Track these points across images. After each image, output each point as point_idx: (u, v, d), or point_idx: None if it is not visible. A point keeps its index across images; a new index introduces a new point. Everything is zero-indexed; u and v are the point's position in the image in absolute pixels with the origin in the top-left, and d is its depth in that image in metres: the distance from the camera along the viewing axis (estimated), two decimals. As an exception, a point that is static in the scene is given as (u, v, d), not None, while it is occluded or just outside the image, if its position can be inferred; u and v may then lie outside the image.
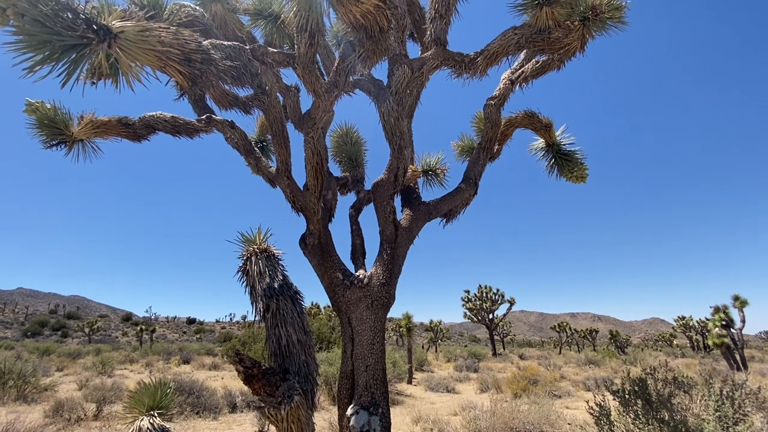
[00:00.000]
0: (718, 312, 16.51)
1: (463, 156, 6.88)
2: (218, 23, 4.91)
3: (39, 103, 4.62)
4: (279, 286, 3.14)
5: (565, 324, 46.12)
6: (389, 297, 4.35)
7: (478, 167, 5.42)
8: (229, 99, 4.72)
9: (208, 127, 4.83)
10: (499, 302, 33.16)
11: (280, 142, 4.59)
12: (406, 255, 4.96)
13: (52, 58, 2.03)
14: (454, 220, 5.57)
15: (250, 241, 3.60)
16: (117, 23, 2.17)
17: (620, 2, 3.91)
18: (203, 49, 2.62)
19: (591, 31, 3.90)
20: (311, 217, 4.74)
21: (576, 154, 5.74)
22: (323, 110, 3.84)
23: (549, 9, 3.72)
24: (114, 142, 5.07)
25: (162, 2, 3.56)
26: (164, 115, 4.73)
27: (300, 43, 3.08)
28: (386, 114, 4.47)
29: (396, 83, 4.33)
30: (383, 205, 4.86)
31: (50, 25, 1.94)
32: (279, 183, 4.89)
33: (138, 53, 2.20)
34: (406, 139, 4.74)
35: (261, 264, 3.23)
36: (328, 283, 4.41)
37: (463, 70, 4.31)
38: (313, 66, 3.30)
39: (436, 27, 4.22)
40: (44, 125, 4.64)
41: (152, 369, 19.90)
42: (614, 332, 44.06)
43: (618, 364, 20.76)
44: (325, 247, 4.67)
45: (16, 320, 60.55)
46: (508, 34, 4.07)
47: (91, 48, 2.06)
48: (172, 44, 2.40)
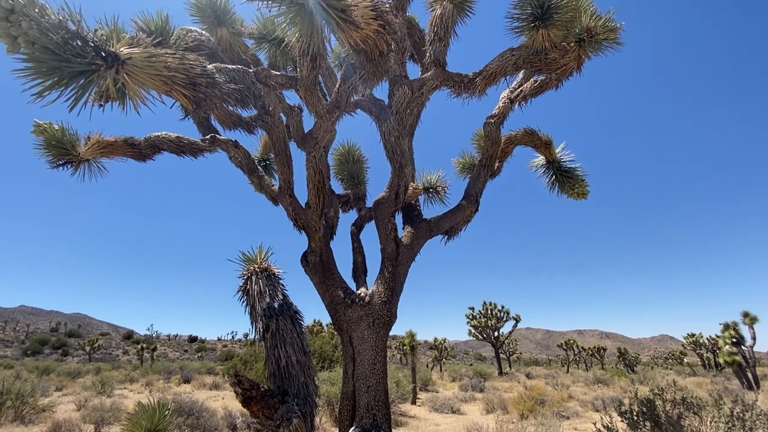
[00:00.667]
0: (728, 329, 16.18)
1: (464, 173, 6.93)
2: (224, 46, 5.05)
3: (47, 124, 4.73)
4: (279, 306, 3.12)
5: (572, 342, 45.26)
6: (391, 315, 4.32)
7: (479, 184, 5.45)
8: (233, 119, 4.81)
9: (212, 146, 4.91)
10: (504, 319, 32.68)
11: (282, 161, 4.65)
12: (408, 272, 4.94)
13: (61, 83, 2.10)
14: (456, 237, 5.57)
15: (251, 260, 3.61)
16: (125, 50, 2.25)
17: (615, 24, 4.01)
18: (208, 73, 2.69)
19: (587, 51, 3.99)
20: (313, 234, 4.76)
21: (576, 170, 5.77)
22: (325, 130, 3.90)
23: (545, 31, 3.82)
24: (119, 161, 5.16)
25: (169, 28, 3.68)
26: (169, 136, 4.82)
27: (302, 66, 3.16)
28: (387, 133, 4.53)
29: (396, 103, 4.41)
30: (384, 223, 4.88)
31: (60, 52, 2.01)
32: (281, 201, 4.93)
33: (144, 78, 2.27)
34: (406, 158, 4.79)
35: (261, 283, 3.23)
36: (329, 302, 4.38)
37: (462, 90, 4.39)
38: (315, 88, 3.37)
39: (435, 49, 4.32)
40: (52, 146, 4.73)
41: (152, 389, 19.61)
42: (623, 350, 43.12)
43: (627, 383, 20.24)
44: (327, 265, 4.67)
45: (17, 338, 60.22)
46: (506, 56, 4.16)
47: (99, 74, 2.13)
48: (177, 69, 2.48)
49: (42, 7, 2.10)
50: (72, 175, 4.88)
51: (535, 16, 3.83)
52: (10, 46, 2.12)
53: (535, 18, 3.83)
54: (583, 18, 3.96)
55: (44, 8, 2.11)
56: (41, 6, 2.09)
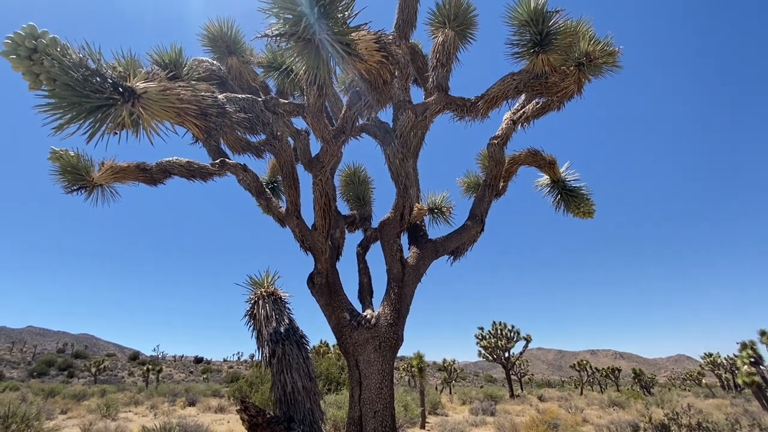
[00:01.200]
0: (745, 348, 15.64)
1: (469, 192, 6.97)
2: (234, 74, 5.24)
3: (63, 151, 4.89)
4: (285, 331, 3.13)
5: (585, 362, 43.97)
6: (397, 338, 4.28)
7: (483, 204, 5.48)
8: (242, 144, 4.95)
9: (222, 170, 5.03)
10: (514, 339, 31.98)
11: (290, 183, 4.74)
12: (414, 293, 4.92)
13: (80, 117, 2.20)
14: (462, 257, 5.56)
15: (258, 283, 3.64)
16: (141, 84, 2.36)
17: (613, 48, 4.10)
18: (219, 104, 2.80)
19: (587, 75, 4.07)
20: (319, 256, 4.79)
21: (581, 189, 5.78)
22: (331, 155, 3.99)
23: (545, 56, 3.92)
24: (131, 185, 5.29)
25: (182, 60, 3.85)
26: (180, 161, 4.95)
27: (309, 94, 3.27)
28: (391, 156, 4.61)
29: (400, 127, 4.50)
30: (390, 244, 4.90)
31: (80, 89, 2.12)
32: (288, 223, 5.00)
33: (158, 111, 2.37)
34: (411, 179, 4.85)
35: (268, 308, 3.25)
36: (335, 324, 4.37)
37: (464, 113, 4.48)
38: (321, 115, 3.48)
39: (438, 74, 4.45)
40: (67, 172, 4.88)
41: (157, 412, 19.35)
42: (638, 371, 41.75)
43: (644, 405, 19.52)
44: (333, 287, 4.67)
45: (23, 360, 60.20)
46: (507, 80, 4.26)
47: (117, 108, 2.23)
48: (190, 101, 2.59)
49: (64, 47, 2.22)
50: (86, 200, 5.02)
51: (535, 42, 3.94)
52: (32, 83, 2.24)
53: (535, 44, 3.94)
54: (581, 43, 4.06)
55: (66, 48, 2.23)
56: (63, 46, 2.22)
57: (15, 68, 2.20)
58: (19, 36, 2.14)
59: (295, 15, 2.27)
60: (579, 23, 4.19)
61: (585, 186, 5.81)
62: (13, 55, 2.17)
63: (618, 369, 45.56)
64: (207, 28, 5.19)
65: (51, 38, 2.21)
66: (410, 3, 4.10)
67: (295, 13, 2.28)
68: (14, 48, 2.15)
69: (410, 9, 4.13)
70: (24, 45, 2.18)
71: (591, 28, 4.31)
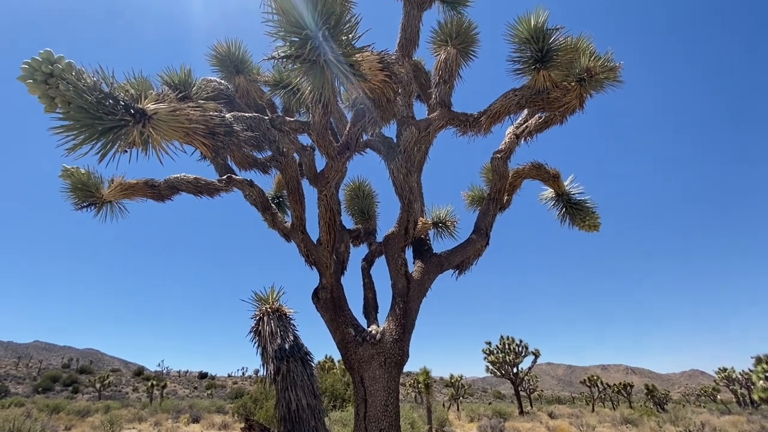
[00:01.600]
0: (760, 363, 15.22)
1: (474, 206, 6.97)
2: (241, 93, 5.37)
3: (74, 169, 5.00)
4: (290, 348, 3.13)
5: (595, 378, 42.93)
6: (403, 354, 4.24)
7: (488, 218, 5.48)
8: (249, 161, 5.03)
9: (228, 186, 5.10)
10: (523, 354, 31.37)
11: (295, 198, 4.79)
12: (420, 308, 4.90)
13: (92, 138, 2.27)
14: (467, 272, 5.54)
15: (263, 299, 3.65)
16: (152, 105, 2.44)
17: (614, 63, 4.15)
18: (226, 123, 2.87)
19: (588, 90, 4.11)
20: (324, 271, 4.80)
21: (587, 203, 5.76)
22: (336, 170, 4.05)
23: (546, 72, 3.97)
24: (139, 202, 5.37)
25: (191, 80, 3.96)
26: (187, 177, 5.04)
27: (314, 112, 3.35)
28: (395, 171, 4.66)
29: (404, 143, 4.56)
30: (394, 258, 4.90)
31: (93, 111, 2.20)
32: (293, 237, 5.03)
33: (168, 131, 2.44)
34: (415, 194, 4.88)
35: (273, 324, 3.25)
36: (340, 340, 4.35)
37: (467, 128, 4.53)
38: (326, 132, 3.54)
39: (440, 91, 4.52)
40: (78, 189, 4.98)
41: (161, 428, 19.14)
42: (651, 386, 40.68)
43: (657, 423, 18.95)
44: (338, 302, 4.67)
45: (29, 375, 60.11)
46: (509, 95, 4.32)
47: (128, 129, 2.30)
48: (198, 120, 2.65)
49: (79, 71, 2.31)
50: (95, 216, 5.10)
51: (536, 59, 4.00)
52: (48, 106, 2.32)
53: (536, 60, 4.01)
54: (582, 58, 4.11)
55: (81, 72, 2.32)
56: (78, 70, 2.30)
57: (31, 92, 2.29)
58: (36, 62, 2.23)
59: (301, 38, 2.35)
60: (579, 40, 4.26)
61: (590, 199, 5.80)
62: (30, 79, 2.25)
63: (630, 385, 44.42)
64: (215, 49, 5.34)
65: (66, 63, 2.30)
66: (413, 23, 4.21)
67: (301, 36, 2.35)
68: (31, 73, 2.24)
69: (413, 29, 4.24)
70: (41, 70, 2.27)
71: (591, 44, 4.37)
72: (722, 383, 41.38)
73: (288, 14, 2.39)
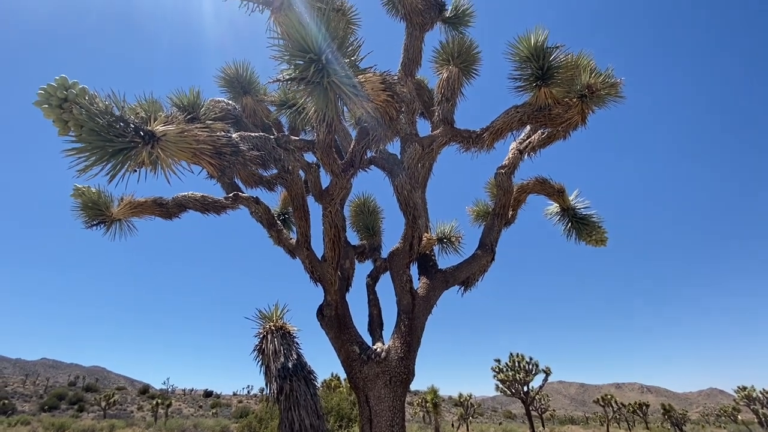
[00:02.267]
0: (783, 383, 14.68)
1: (479, 221, 6.96)
2: (248, 113, 5.50)
3: (85, 188, 5.12)
4: (293, 366, 3.11)
5: (609, 397, 41.61)
6: (408, 372, 4.19)
7: (493, 233, 5.46)
8: (255, 178, 5.11)
9: (235, 204, 5.17)
10: (533, 372, 30.58)
11: (300, 215, 4.83)
12: (425, 325, 4.84)
13: (103, 160, 2.34)
14: (473, 288, 5.49)
15: (267, 317, 3.64)
16: (160, 127, 2.51)
17: (615, 79, 4.19)
18: (233, 143, 2.94)
19: (590, 106, 4.15)
20: (329, 287, 4.79)
21: (592, 217, 5.73)
22: (340, 187, 4.09)
23: (547, 89, 4.02)
24: (147, 220, 5.46)
25: (200, 101, 4.07)
26: (195, 195, 5.12)
27: (319, 131, 3.42)
28: (399, 187, 4.69)
29: (408, 159, 4.61)
30: (399, 274, 4.88)
31: (104, 134, 2.27)
32: (299, 254, 5.05)
33: (176, 151, 2.51)
34: (419, 209, 4.90)
35: (276, 342, 3.24)
36: (344, 358, 4.30)
37: (470, 145, 4.57)
38: (330, 150, 3.60)
39: (443, 109, 4.59)
40: (88, 207, 5.09)
41: (164, 449, 18.84)
42: (667, 406, 39.29)
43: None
44: (342, 319, 4.64)
45: (36, 393, 59.96)
46: (511, 112, 4.36)
47: (137, 150, 2.37)
48: (205, 141, 2.72)
49: (92, 96, 2.40)
50: (104, 234, 5.18)
51: (537, 76, 4.06)
52: (62, 130, 2.41)
53: (537, 78, 4.06)
54: (583, 75, 4.16)
55: (94, 96, 2.41)
56: (91, 95, 2.39)
57: (46, 116, 2.37)
58: (52, 87, 2.32)
59: (306, 61, 2.42)
60: (579, 57, 4.32)
61: (596, 213, 5.77)
62: (46, 104, 2.34)
63: (646, 404, 42.96)
64: (224, 71, 5.51)
65: (80, 88, 2.39)
66: (415, 44, 4.31)
67: (305, 59, 2.43)
68: (47, 98, 2.33)
69: (415, 49, 4.34)
70: (56, 95, 2.36)
71: (592, 61, 4.43)
72: (742, 402, 39.88)
73: (293, 38, 2.47)
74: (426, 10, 4.58)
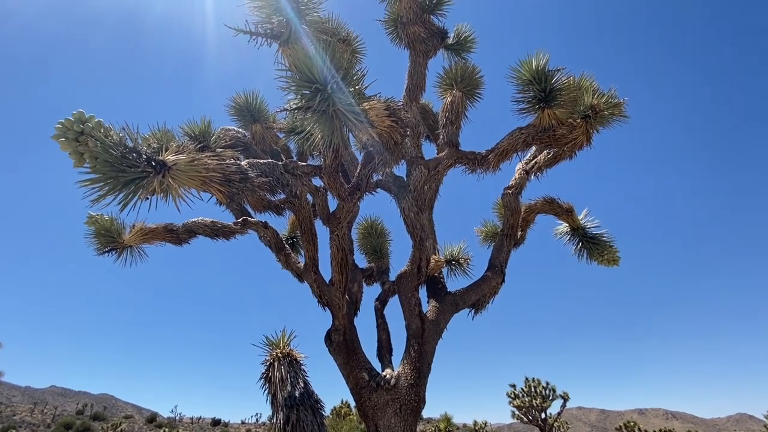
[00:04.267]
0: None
1: (488, 241, 6.90)
2: (257, 140, 5.64)
3: (99, 215, 5.23)
4: (300, 395, 3.05)
5: (632, 423, 39.58)
6: (419, 400, 4.06)
7: (503, 254, 5.40)
8: (264, 203, 5.18)
9: (244, 229, 5.22)
10: (550, 398, 29.37)
11: (308, 239, 4.85)
12: (435, 350, 4.74)
13: (115, 190, 2.40)
14: (483, 311, 5.38)
15: (274, 344, 3.61)
16: (172, 157, 2.58)
17: (618, 100, 4.22)
18: (242, 170, 3.00)
19: (594, 126, 4.17)
20: (336, 312, 4.74)
21: (603, 236, 5.64)
22: (347, 211, 4.12)
23: (550, 111, 4.07)
24: (158, 246, 5.53)
25: (211, 130, 4.20)
26: (205, 221, 5.20)
27: (326, 156, 3.48)
28: (406, 209, 4.71)
29: (414, 182, 4.64)
30: (408, 297, 4.82)
31: (118, 164, 2.34)
32: (306, 278, 5.04)
33: (186, 180, 2.57)
34: (426, 231, 4.89)
35: (283, 370, 3.20)
36: (353, 385, 4.20)
37: (476, 166, 4.60)
38: (337, 174, 3.66)
39: (448, 131, 4.65)
40: (101, 235, 5.18)
41: (170, 481, 18.34)
42: (695, 434, 37.17)
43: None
44: (351, 345, 4.56)
45: (43, 422, 59.37)
46: (515, 134, 4.40)
47: (149, 179, 2.43)
48: (215, 169, 2.79)
49: (107, 129, 2.49)
50: (115, 261, 5.26)
51: (539, 99, 4.12)
52: (77, 162, 2.49)
53: (540, 100, 4.12)
54: (585, 96, 4.21)
55: (108, 129, 2.50)
56: (106, 128, 2.49)
57: (63, 149, 2.47)
58: (69, 122, 2.42)
59: (312, 91, 2.50)
60: (581, 79, 4.38)
61: (606, 233, 5.68)
62: (63, 138, 2.44)
63: (671, 431, 40.76)
64: (234, 100, 5.69)
65: (96, 122, 2.49)
66: (419, 70, 4.43)
67: (311, 89, 2.51)
68: (64, 132, 2.43)
69: (419, 75, 4.45)
70: (72, 129, 2.46)
71: (594, 82, 4.48)
72: (776, 430, 37.58)
73: (299, 70, 2.56)
74: (429, 38, 4.73)
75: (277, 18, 3.17)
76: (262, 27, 3.24)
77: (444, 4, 5.00)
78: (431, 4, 4.82)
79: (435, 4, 4.86)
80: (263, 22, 3.27)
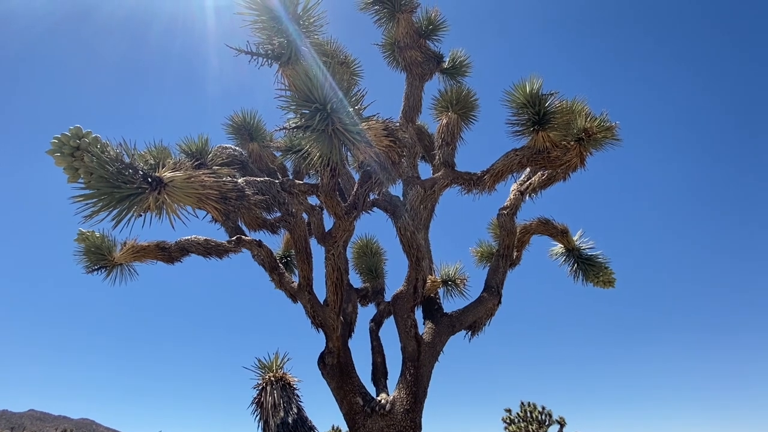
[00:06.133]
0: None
1: (483, 262, 6.87)
2: (254, 158, 5.65)
3: (90, 232, 5.14)
4: (293, 422, 2.93)
5: (630, 450, 38.66)
6: (415, 426, 3.93)
7: (499, 275, 5.37)
8: (259, 221, 5.13)
9: (238, 247, 5.15)
10: (546, 423, 28.74)
11: (303, 258, 4.79)
12: (432, 374, 4.62)
13: (110, 206, 2.37)
14: (480, 333, 5.30)
15: (267, 367, 3.50)
16: (168, 174, 2.56)
17: (610, 123, 4.33)
18: (238, 188, 2.99)
19: (588, 148, 4.25)
20: (330, 333, 4.64)
21: (598, 258, 5.66)
22: (343, 230, 4.10)
23: (544, 133, 4.15)
24: (149, 264, 5.42)
25: (208, 148, 4.20)
26: (198, 239, 5.12)
27: (323, 175, 3.48)
28: (402, 229, 4.69)
29: (410, 201, 4.65)
30: (404, 319, 4.75)
31: (113, 180, 2.31)
32: (300, 298, 4.94)
33: (182, 197, 2.54)
34: (422, 251, 4.86)
35: (276, 395, 3.08)
36: (347, 410, 4.07)
37: (471, 186, 4.64)
38: (334, 193, 3.65)
39: (444, 152, 4.71)
40: (91, 252, 5.07)
41: None
42: (694, 461, 36.39)
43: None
44: (345, 368, 4.44)
45: (19, 449, 56.39)
46: (510, 155, 4.47)
47: (144, 196, 2.40)
48: (211, 186, 2.77)
49: (104, 144, 2.47)
50: (104, 279, 5.13)
51: (534, 121, 4.20)
52: (71, 177, 2.46)
53: (534, 123, 4.21)
54: (578, 120, 4.31)
55: (105, 145, 2.48)
56: (103, 143, 2.47)
57: (58, 164, 2.43)
58: (65, 137, 2.40)
59: (311, 110, 2.52)
60: (574, 102, 4.49)
61: (602, 254, 5.70)
62: (58, 153, 2.41)
63: (670, 459, 39.79)
64: (232, 119, 5.73)
65: (93, 137, 2.47)
66: (415, 92, 4.52)
67: (311, 108, 2.53)
68: (59, 147, 2.40)
69: (415, 97, 4.54)
70: (68, 144, 2.44)
71: (586, 106, 4.60)
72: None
73: (299, 89, 2.59)
74: (425, 62, 4.85)
75: (278, 39, 3.24)
76: (263, 48, 3.29)
77: (440, 29, 5.16)
78: (428, 29, 4.97)
79: (431, 30, 5.02)
80: (264, 43, 3.33)
